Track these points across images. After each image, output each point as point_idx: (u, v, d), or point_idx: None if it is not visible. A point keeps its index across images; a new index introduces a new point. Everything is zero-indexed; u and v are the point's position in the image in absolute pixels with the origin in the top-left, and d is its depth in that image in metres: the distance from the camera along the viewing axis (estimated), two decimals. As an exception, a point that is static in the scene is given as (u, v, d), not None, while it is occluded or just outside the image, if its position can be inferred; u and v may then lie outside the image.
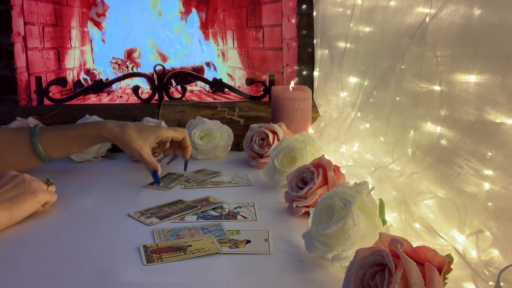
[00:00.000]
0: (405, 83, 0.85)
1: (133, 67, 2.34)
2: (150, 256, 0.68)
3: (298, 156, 0.98)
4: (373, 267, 0.51)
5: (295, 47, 1.57)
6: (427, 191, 0.75)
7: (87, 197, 0.93)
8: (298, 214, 0.84)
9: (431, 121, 0.77)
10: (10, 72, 1.55)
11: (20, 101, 1.57)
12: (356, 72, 1.11)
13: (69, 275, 0.63)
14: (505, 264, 0.56)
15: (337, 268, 0.64)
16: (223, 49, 2.41)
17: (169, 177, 1.06)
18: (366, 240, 0.64)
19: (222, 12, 2.41)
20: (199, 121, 1.23)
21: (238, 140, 1.29)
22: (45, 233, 0.77)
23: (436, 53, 0.75)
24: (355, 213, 0.63)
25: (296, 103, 1.25)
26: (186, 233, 0.76)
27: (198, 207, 0.87)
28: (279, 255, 0.69)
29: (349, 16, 1.10)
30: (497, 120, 0.61)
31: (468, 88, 0.67)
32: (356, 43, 1.10)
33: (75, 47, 2.16)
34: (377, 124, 0.99)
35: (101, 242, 0.74)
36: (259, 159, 1.15)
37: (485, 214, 0.62)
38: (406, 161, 0.83)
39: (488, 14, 0.63)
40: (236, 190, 0.99)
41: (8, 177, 0.83)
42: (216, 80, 1.65)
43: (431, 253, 0.50)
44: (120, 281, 0.61)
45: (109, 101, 1.92)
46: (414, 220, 0.73)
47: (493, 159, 0.61)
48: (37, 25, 1.74)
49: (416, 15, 0.81)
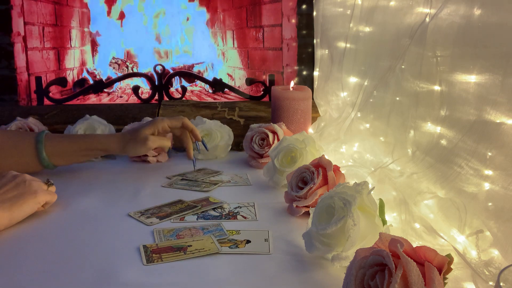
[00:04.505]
0: (405, 83, 0.85)
1: (133, 67, 2.34)
2: (150, 256, 0.68)
3: (298, 156, 0.98)
4: (373, 267, 0.51)
5: (295, 47, 1.57)
6: (427, 191, 0.75)
7: (87, 197, 0.93)
8: (298, 214, 0.84)
9: (431, 121, 0.77)
10: (10, 72, 1.55)
11: (20, 101, 1.57)
12: (356, 72, 1.11)
13: (69, 275, 0.63)
14: (505, 264, 0.56)
15: (337, 268, 0.64)
16: (223, 49, 2.41)
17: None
18: (366, 240, 0.64)
19: (222, 12, 2.41)
20: (199, 121, 1.23)
21: (238, 140, 1.29)
22: (45, 233, 0.77)
23: (436, 53, 0.75)
24: (355, 213, 0.63)
25: (296, 103, 1.25)
26: (186, 233, 0.76)
27: (198, 207, 0.87)
28: (279, 255, 0.69)
29: (349, 16, 1.10)
30: (497, 120, 0.61)
31: (468, 88, 0.67)
32: (356, 43, 1.10)
33: (75, 47, 2.16)
34: (377, 124, 0.99)
35: (101, 242, 0.74)
36: (259, 159, 1.15)
37: (485, 214, 0.62)
38: (406, 161, 0.83)
39: (488, 14, 0.63)
40: (236, 190, 0.99)
41: (8, 177, 0.83)
42: (216, 80, 1.65)
43: (431, 253, 0.50)
44: (120, 281, 0.61)
45: (109, 101, 1.92)
46: (414, 220, 0.73)
47: (493, 159, 0.61)
48: (37, 25, 1.74)
49: (416, 15, 0.81)
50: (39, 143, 1.00)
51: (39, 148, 1.00)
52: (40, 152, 1.00)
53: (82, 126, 1.22)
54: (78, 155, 1.05)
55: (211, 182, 1.03)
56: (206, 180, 1.04)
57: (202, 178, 1.06)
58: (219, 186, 1.01)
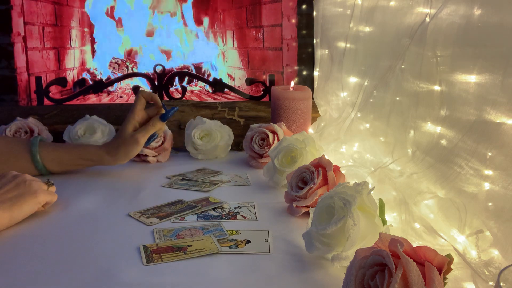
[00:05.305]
0: (405, 83, 0.85)
1: (133, 67, 2.34)
2: (150, 256, 0.68)
3: (298, 156, 0.98)
4: (373, 267, 0.51)
5: (295, 47, 1.57)
6: (427, 191, 0.75)
7: (87, 197, 0.93)
8: (298, 214, 0.84)
9: (431, 121, 0.77)
10: (10, 72, 1.55)
11: (20, 101, 1.57)
12: (356, 72, 1.11)
13: (69, 275, 0.63)
14: (505, 264, 0.56)
15: (337, 268, 0.64)
16: (223, 49, 2.41)
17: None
18: (366, 240, 0.64)
19: (222, 12, 2.41)
20: (199, 121, 1.23)
21: (238, 140, 1.29)
22: (45, 233, 0.77)
23: (436, 53, 0.75)
24: (355, 213, 0.63)
25: (296, 103, 1.25)
26: (186, 233, 0.76)
27: (198, 207, 0.87)
28: (279, 255, 0.69)
29: (349, 16, 1.10)
30: (497, 120, 0.61)
31: (468, 88, 0.67)
32: (356, 43, 1.10)
33: (75, 47, 2.16)
34: (377, 124, 0.99)
35: (101, 242, 0.74)
36: (259, 159, 1.15)
37: (485, 214, 0.62)
38: (406, 161, 0.83)
39: (488, 14, 0.63)
40: (236, 190, 0.99)
41: (8, 177, 0.84)
42: (216, 80, 1.65)
43: (431, 253, 0.50)
44: (120, 281, 0.61)
45: (109, 101, 1.92)
46: (414, 220, 0.73)
47: (493, 159, 0.61)
48: (37, 25, 1.74)
49: (416, 15, 0.81)
50: (34, 146, 1.01)
51: (33, 151, 1.01)
52: (34, 155, 1.01)
53: (82, 126, 1.22)
54: (72, 164, 1.06)
55: (211, 182, 1.03)
56: (206, 180, 1.04)
57: (202, 178, 1.06)
58: (219, 186, 1.01)
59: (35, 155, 1.01)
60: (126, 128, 1.03)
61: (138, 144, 1.03)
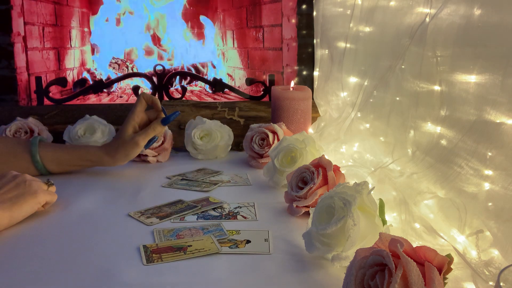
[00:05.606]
0: (405, 83, 0.85)
1: (133, 67, 2.34)
2: (150, 256, 0.68)
3: (298, 156, 0.98)
4: (373, 267, 0.51)
5: (295, 47, 1.57)
6: (427, 191, 0.75)
7: (87, 197, 0.93)
8: (298, 214, 0.84)
9: (431, 121, 0.77)
10: (10, 72, 1.55)
11: (20, 101, 1.57)
12: (356, 72, 1.11)
13: (69, 275, 0.63)
14: (505, 264, 0.56)
15: (337, 268, 0.64)
16: (223, 49, 2.41)
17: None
18: (366, 240, 0.64)
19: (222, 12, 2.41)
20: (199, 121, 1.23)
21: (238, 140, 1.29)
22: (45, 233, 0.77)
23: (436, 53, 0.75)
24: (355, 213, 0.63)
25: (296, 103, 1.25)
26: (186, 233, 0.76)
27: (198, 207, 0.87)
28: (279, 255, 0.69)
29: (349, 16, 1.10)
30: (497, 120, 0.61)
31: (468, 88, 0.67)
32: (356, 43, 1.10)
33: (75, 47, 2.16)
34: (377, 124, 0.99)
35: (101, 242, 0.74)
36: (259, 159, 1.15)
37: (485, 214, 0.62)
38: (406, 161, 0.83)
39: (488, 14, 0.63)
40: (236, 190, 0.99)
41: (8, 177, 0.84)
42: (216, 80, 1.65)
43: (431, 253, 0.50)
44: (120, 281, 0.61)
45: (109, 101, 1.92)
46: (414, 220, 0.73)
47: (493, 159, 0.61)
48: (37, 25, 1.74)
49: (416, 15, 0.81)
50: (33, 146, 1.02)
51: (33, 151, 1.01)
52: (34, 155, 1.01)
53: (82, 126, 1.22)
54: (72, 165, 1.06)
55: (211, 182, 1.03)
56: (206, 180, 1.04)
57: (202, 178, 1.06)
58: (219, 186, 1.01)
59: (35, 155, 1.01)
60: (126, 130, 1.03)
61: (138, 147, 1.03)
